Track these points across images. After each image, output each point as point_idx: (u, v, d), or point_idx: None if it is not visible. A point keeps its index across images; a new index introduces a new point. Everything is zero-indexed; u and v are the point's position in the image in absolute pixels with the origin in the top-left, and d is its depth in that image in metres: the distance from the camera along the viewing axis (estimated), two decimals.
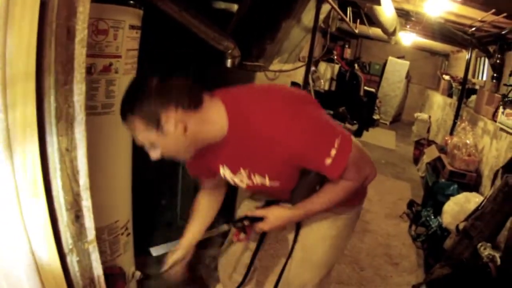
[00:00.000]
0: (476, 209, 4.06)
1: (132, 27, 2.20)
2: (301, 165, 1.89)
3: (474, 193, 5.00)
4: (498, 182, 4.53)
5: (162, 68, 3.74)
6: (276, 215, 2.06)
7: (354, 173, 1.92)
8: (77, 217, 1.41)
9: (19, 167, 1.14)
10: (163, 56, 3.64)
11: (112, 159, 2.41)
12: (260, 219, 2.06)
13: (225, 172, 2.02)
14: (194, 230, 2.25)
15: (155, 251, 2.09)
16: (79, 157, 1.36)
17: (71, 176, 1.36)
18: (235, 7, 3.77)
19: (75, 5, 1.14)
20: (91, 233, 1.47)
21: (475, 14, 5.56)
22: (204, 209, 2.30)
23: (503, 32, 6.03)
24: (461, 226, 4.09)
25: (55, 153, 1.28)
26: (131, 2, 2.23)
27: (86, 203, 1.43)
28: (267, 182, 1.95)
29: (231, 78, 3.62)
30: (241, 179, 2.01)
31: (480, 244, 3.64)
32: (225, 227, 2.21)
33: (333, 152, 1.76)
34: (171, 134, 1.64)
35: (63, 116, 1.26)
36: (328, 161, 1.77)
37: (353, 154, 1.84)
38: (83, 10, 1.16)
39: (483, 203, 4.01)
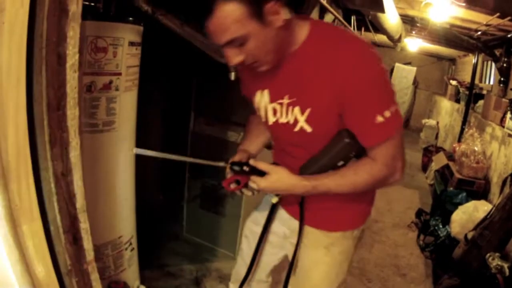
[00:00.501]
0: (485, 218, 4.04)
1: (131, 43, 2.19)
2: (347, 114, 1.66)
3: (482, 201, 4.97)
4: (506, 190, 4.50)
5: (164, 82, 3.81)
6: (279, 175, 1.81)
7: (389, 157, 1.72)
8: (75, 239, 1.39)
9: (14, 194, 1.13)
10: (165, 69, 3.64)
11: (114, 175, 2.39)
12: (262, 174, 1.82)
13: (262, 98, 1.90)
14: (249, 145, 2.20)
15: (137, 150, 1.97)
16: (75, 180, 1.34)
17: (67, 200, 1.34)
18: None
19: (64, 30, 1.12)
20: (89, 254, 1.45)
21: (480, 18, 5.54)
22: (258, 127, 2.22)
23: (509, 35, 5.99)
24: (469, 236, 4.05)
25: (51, 178, 1.26)
26: (130, 19, 2.23)
27: (84, 225, 1.41)
28: (301, 121, 1.74)
29: (233, 90, 3.60)
30: (274, 111, 1.85)
31: (488, 254, 3.61)
32: (221, 163, 2.05)
33: (387, 113, 1.60)
34: (269, 28, 1.50)
35: (57, 142, 1.24)
36: (379, 119, 1.59)
37: (399, 133, 1.70)
38: (73, 35, 1.14)
39: (491, 212, 3.98)
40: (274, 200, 2.05)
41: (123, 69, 2.17)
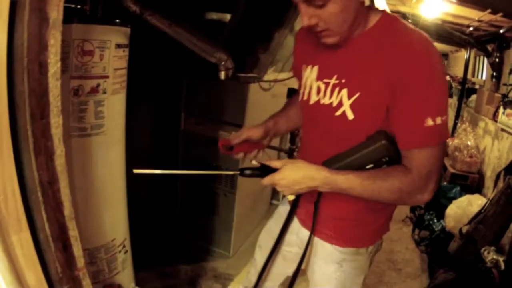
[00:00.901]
0: (479, 212, 4.03)
1: (118, 46, 2.17)
2: (396, 108, 1.54)
3: (476, 195, 4.98)
4: (500, 184, 4.49)
5: (154, 82, 3.78)
6: (295, 164, 1.68)
7: (426, 169, 1.56)
8: (65, 246, 1.38)
9: (0, 205, 1.11)
10: (154, 69, 3.62)
11: (105, 179, 2.37)
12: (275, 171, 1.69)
13: (310, 74, 1.82)
14: (278, 120, 2.19)
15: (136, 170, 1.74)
16: (62, 188, 1.32)
17: (55, 208, 1.32)
18: (228, 17, 3.75)
19: (45, 39, 1.11)
20: (80, 261, 1.44)
21: (472, 14, 5.53)
22: (293, 109, 2.21)
23: (501, 31, 5.99)
24: (464, 230, 4.05)
25: (37, 187, 1.25)
26: (117, 21, 2.21)
27: (73, 232, 1.39)
28: (346, 105, 1.63)
29: (224, 89, 3.59)
30: (319, 89, 1.76)
31: (484, 248, 3.60)
32: (234, 172, 1.84)
33: (439, 120, 1.48)
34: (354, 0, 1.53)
35: (42, 151, 1.22)
36: (429, 122, 1.47)
37: (443, 147, 1.58)
38: (55, 43, 1.13)
39: (485, 206, 3.97)
40: (291, 197, 1.92)
41: (110, 72, 2.15)
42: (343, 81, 1.67)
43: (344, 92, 1.65)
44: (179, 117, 3.89)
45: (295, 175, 1.66)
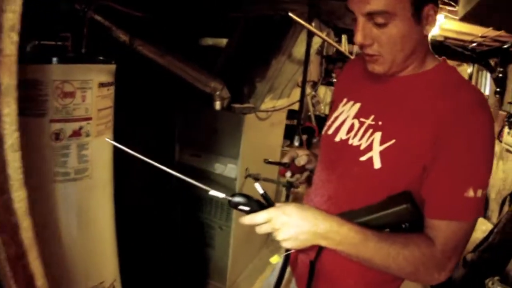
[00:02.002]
0: (484, 240, 3.91)
1: (102, 85, 2.05)
2: (434, 171, 1.35)
3: (481, 220, 4.84)
4: (505, 209, 4.39)
5: (147, 111, 3.67)
6: (301, 205, 1.39)
7: (452, 245, 1.35)
8: None
9: None
10: (147, 99, 3.51)
11: (91, 224, 2.26)
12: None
13: (350, 110, 1.63)
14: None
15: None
16: (32, 261, 1.24)
17: (27, 281, 1.24)
18: (223, 42, 3.64)
19: None
20: None
21: (475, 30, 5.42)
22: None
23: (505, 46, 5.88)
24: (468, 258, 3.92)
25: (5, 262, 1.16)
26: (100, 58, 2.10)
27: None
28: (375, 151, 1.43)
29: (220, 120, 3.47)
30: (351, 128, 1.56)
31: (488, 279, 3.47)
32: (219, 195, 1.39)
33: (479, 192, 1.30)
34: (417, 28, 1.38)
35: (6, 226, 1.12)
36: (470, 193, 1.29)
37: (474, 223, 1.37)
38: (10, 112, 1.01)
39: (491, 234, 3.85)
40: (274, 259, 1.52)
41: (93, 113, 2.03)
42: (380, 123, 1.50)
43: (377, 135, 1.47)
44: (173, 149, 3.77)
45: (303, 214, 1.36)
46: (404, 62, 1.45)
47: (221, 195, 1.39)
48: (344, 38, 5.34)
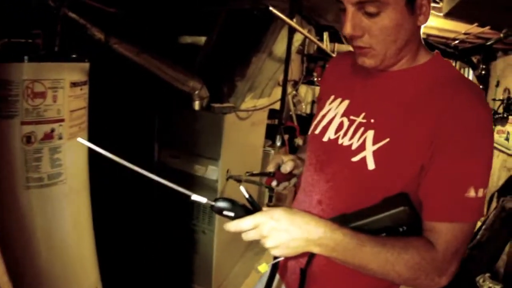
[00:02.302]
0: (473, 237, 3.85)
1: (74, 84, 1.95)
2: (433, 171, 1.26)
3: None
4: (493, 206, 4.36)
5: (122, 114, 3.58)
6: (290, 209, 1.29)
7: (453, 248, 1.26)
8: None
9: None
10: (125, 98, 3.42)
11: (68, 229, 2.16)
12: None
13: (338, 108, 1.52)
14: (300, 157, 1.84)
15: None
16: None
17: None
18: (202, 40, 3.55)
19: None
20: None
21: (458, 27, 5.39)
22: None
23: (488, 43, 5.86)
24: None
25: None
26: (73, 56, 2.01)
27: None
28: (368, 151, 1.33)
29: (199, 120, 3.38)
30: (340, 126, 1.46)
31: (479, 277, 3.43)
32: (202, 200, 1.27)
33: (481, 192, 1.22)
34: (410, 19, 1.28)
35: None
36: (471, 194, 1.21)
37: (475, 224, 1.31)
38: None
39: (479, 231, 3.81)
40: (262, 268, 1.39)
41: (66, 115, 1.93)
42: (372, 121, 1.40)
43: (370, 134, 1.37)
44: (153, 149, 3.66)
45: (293, 219, 1.25)
46: (397, 55, 1.36)
47: (203, 200, 1.27)
48: (325, 35, 5.27)
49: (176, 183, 1.29)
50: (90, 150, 2.14)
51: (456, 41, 6.45)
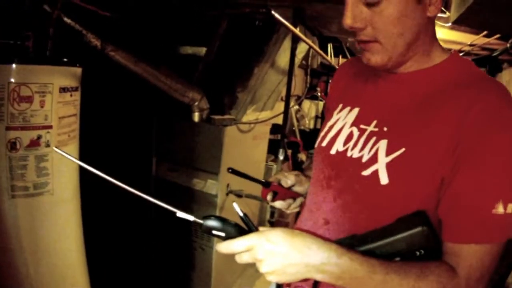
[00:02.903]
0: None
1: (63, 89, 1.87)
2: (456, 183, 1.09)
3: None
4: None
5: (118, 125, 3.49)
6: (291, 231, 1.13)
7: (477, 274, 1.09)
8: None
9: None
10: (122, 109, 3.34)
11: (56, 241, 2.07)
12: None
13: (347, 117, 1.39)
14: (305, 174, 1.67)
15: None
16: None
17: None
18: (203, 50, 3.46)
19: None
20: None
21: (464, 38, 5.32)
22: None
23: (494, 54, 5.77)
24: None
25: None
26: (63, 60, 1.93)
27: None
28: (381, 163, 1.18)
29: (198, 133, 3.28)
30: (349, 137, 1.32)
31: None
32: (189, 218, 1.16)
33: (510, 207, 1.05)
34: (418, 9, 1.15)
35: None
36: (499, 210, 1.04)
37: (504, 245, 1.11)
38: None
39: None
40: None
41: (54, 121, 1.85)
42: (385, 129, 1.25)
43: (382, 144, 1.21)
44: (150, 162, 3.57)
45: (292, 242, 1.10)
46: (406, 51, 1.21)
47: (190, 218, 1.15)
48: (329, 46, 5.19)
49: (174, 197, 1.18)
50: (82, 159, 2.08)
51: (462, 53, 6.39)
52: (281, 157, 3.64)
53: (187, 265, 3.70)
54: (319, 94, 7.73)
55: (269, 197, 1.58)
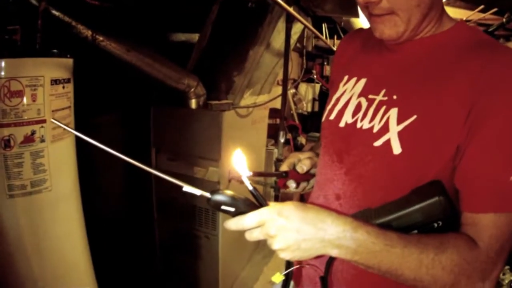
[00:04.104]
0: None
1: (55, 81, 1.81)
2: (470, 152, 1.06)
3: None
4: None
5: (117, 114, 3.44)
6: (302, 205, 1.09)
7: (498, 245, 1.05)
8: None
9: None
10: (117, 100, 3.29)
11: (59, 239, 2.02)
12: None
13: (354, 88, 1.35)
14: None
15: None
16: None
17: None
18: (196, 37, 3.40)
19: None
20: None
21: (459, 14, 5.27)
22: None
23: (489, 29, 5.74)
24: None
25: None
26: (54, 51, 1.87)
27: None
28: (392, 132, 1.15)
29: (196, 119, 3.23)
30: (357, 108, 1.29)
31: None
32: (196, 192, 1.12)
33: None
34: None
35: None
36: None
37: None
38: None
39: None
40: (277, 278, 1.28)
41: (47, 115, 1.78)
42: (394, 97, 1.21)
43: (393, 112, 1.18)
44: (149, 154, 3.53)
45: (305, 216, 1.06)
46: (420, 23, 1.18)
47: (197, 192, 1.10)
48: (324, 26, 5.13)
49: (176, 187, 1.12)
50: (79, 151, 2.02)
51: None
52: (282, 140, 3.60)
53: (193, 255, 3.67)
54: (315, 76, 7.69)
55: (293, 185, 1.53)
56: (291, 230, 1.04)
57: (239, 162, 1.14)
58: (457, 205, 1.11)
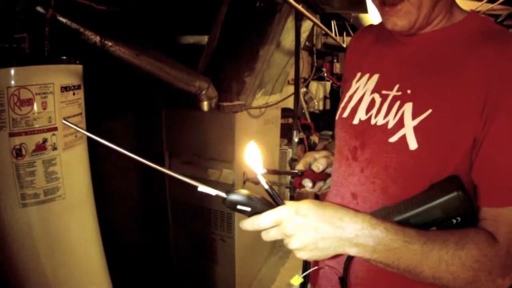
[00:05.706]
0: None
1: (65, 88, 1.79)
2: (486, 145, 1.04)
3: None
4: None
5: (129, 119, 3.43)
6: (319, 202, 1.08)
7: None
8: None
9: None
10: (128, 105, 3.28)
11: (74, 247, 2.01)
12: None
13: (367, 84, 1.33)
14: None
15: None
16: None
17: None
18: (205, 39, 3.39)
19: None
20: None
21: (467, 6, 5.23)
22: None
23: (498, 20, 5.70)
24: None
25: None
26: (62, 58, 1.85)
27: None
28: (408, 127, 1.13)
29: (209, 122, 3.22)
30: (371, 104, 1.26)
31: None
32: (212, 192, 1.10)
33: None
34: None
35: None
36: None
37: None
38: None
39: None
40: (296, 280, 1.25)
41: (58, 122, 1.77)
42: (408, 92, 1.19)
43: (408, 107, 1.16)
44: (162, 158, 3.52)
45: (323, 214, 1.05)
46: (431, 10, 1.15)
47: (213, 192, 1.09)
48: (333, 23, 5.12)
49: (191, 191, 1.10)
50: (92, 157, 2.01)
51: None
52: (296, 140, 3.57)
53: (209, 258, 3.66)
54: (325, 74, 7.65)
55: (309, 184, 1.50)
56: (308, 228, 1.03)
57: (254, 159, 1.18)
58: (475, 201, 1.09)
